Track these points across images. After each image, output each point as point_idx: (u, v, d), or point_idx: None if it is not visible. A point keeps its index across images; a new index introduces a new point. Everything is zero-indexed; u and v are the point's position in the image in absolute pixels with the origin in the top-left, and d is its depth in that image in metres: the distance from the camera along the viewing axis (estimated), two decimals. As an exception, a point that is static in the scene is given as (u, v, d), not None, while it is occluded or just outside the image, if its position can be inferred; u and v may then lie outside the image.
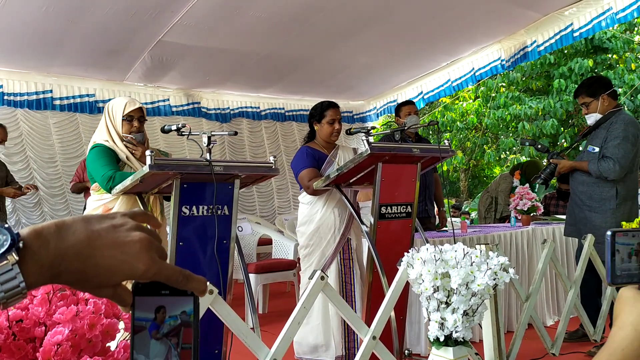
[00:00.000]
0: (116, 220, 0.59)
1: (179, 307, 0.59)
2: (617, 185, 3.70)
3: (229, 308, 1.85)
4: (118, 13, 4.86)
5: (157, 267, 0.58)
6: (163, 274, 0.58)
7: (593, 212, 3.77)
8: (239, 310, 1.93)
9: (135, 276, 0.57)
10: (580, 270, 3.31)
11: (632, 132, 3.64)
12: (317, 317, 3.39)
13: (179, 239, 2.49)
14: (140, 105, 3.04)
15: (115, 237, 0.57)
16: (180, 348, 0.59)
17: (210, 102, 7.95)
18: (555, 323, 4.55)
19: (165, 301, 0.59)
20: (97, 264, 0.56)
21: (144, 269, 0.57)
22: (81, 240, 0.56)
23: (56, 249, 0.55)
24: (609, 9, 5.72)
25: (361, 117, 9.13)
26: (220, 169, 2.51)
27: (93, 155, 2.86)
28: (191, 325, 0.59)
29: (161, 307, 0.59)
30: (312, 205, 3.51)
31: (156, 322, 0.59)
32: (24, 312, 1.22)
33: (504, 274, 2.27)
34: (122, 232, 0.58)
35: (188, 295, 0.59)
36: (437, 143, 3.21)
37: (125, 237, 0.58)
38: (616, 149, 3.61)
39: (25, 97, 6.48)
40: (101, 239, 0.57)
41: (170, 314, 0.59)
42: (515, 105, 11.50)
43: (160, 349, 0.58)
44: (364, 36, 6.09)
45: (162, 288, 0.59)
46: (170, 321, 0.59)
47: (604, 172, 3.64)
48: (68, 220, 0.58)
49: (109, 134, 2.96)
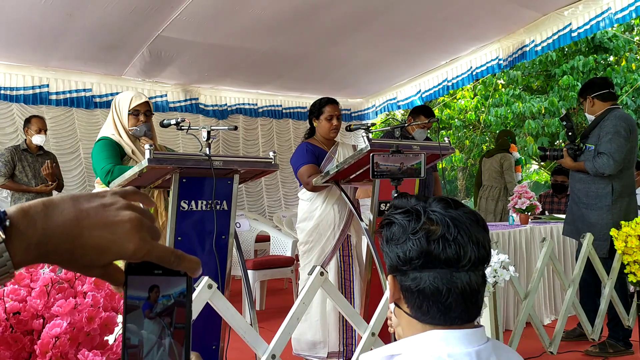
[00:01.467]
0: (106, 199, 0.58)
1: (172, 287, 0.59)
2: (612, 181, 3.72)
3: (228, 303, 1.84)
4: (117, 7, 4.83)
5: (147, 248, 0.56)
6: (154, 254, 0.57)
7: (589, 209, 3.79)
8: (236, 306, 1.92)
9: (125, 256, 0.56)
10: (579, 269, 3.31)
11: (624, 126, 3.67)
12: (316, 314, 3.38)
13: (177, 233, 2.48)
14: (146, 99, 3.06)
15: (104, 216, 0.56)
16: (174, 328, 0.58)
17: (208, 98, 7.93)
18: (552, 322, 4.55)
19: (158, 281, 0.58)
20: (86, 244, 0.55)
21: (133, 249, 0.56)
22: (69, 219, 0.55)
23: (44, 228, 0.54)
24: (607, 9, 5.72)
25: (359, 115, 9.12)
26: (220, 164, 2.50)
27: (97, 148, 2.90)
28: (184, 306, 0.59)
29: (155, 287, 0.58)
30: (311, 202, 3.50)
31: (150, 302, 0.58)
32: (21, 304, 1.21)
33: (504, 272, 2.26)
34: (112, 211, 0.56)
35: (181, 275, 0.59)
36: (437, 140, 3.20)
37: (114, 217, 0.56)
38: (609, 143, 3.64)
39: (22, 91, 6.43)
40: (90, 219, 0.55)
41: (163, 293, 0.58)
42: (518, 104, 11.48)
43: (153, 328, 0.58)
44: (363, 34, 6.08)
45: (155, 268, 0.58)
46: (163, 300, 0.58)
47: (599, 168, 3.66)
48: (56, 199, 0.56)
49: (115, 128, 2.99)
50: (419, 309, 1.03)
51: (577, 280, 3.30)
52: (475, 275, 1.01)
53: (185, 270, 0.59)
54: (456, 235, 1.00)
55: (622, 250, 3.37)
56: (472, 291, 1.01)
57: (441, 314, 1.01)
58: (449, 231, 1.00)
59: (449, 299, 1.00)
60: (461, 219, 1.02)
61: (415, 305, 1.03)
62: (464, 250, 1.00)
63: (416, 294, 1.02)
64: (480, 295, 1.03)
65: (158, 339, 0.58)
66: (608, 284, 3.45)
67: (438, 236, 1.00)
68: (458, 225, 1.01)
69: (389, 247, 1.06)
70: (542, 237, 3.57)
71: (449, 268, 1.00)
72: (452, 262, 1.00)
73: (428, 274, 1.00)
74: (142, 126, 2.98)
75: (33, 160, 5.12)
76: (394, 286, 1.07)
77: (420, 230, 1.01)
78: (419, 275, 1.01)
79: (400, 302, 1.07)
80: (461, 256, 1.00)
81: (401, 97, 8.42)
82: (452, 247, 1.00)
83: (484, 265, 1.04)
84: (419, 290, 1.01)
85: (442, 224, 1.01)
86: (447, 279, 1.00)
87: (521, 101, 11.60)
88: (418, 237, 1.01)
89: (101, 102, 6.98)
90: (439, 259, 1.00)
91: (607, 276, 3.48)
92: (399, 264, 1.04)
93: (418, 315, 1.03)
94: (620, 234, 3.36)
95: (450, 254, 1.00)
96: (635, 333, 3.67)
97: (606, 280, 3.47)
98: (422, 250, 1.00)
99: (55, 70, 6.59)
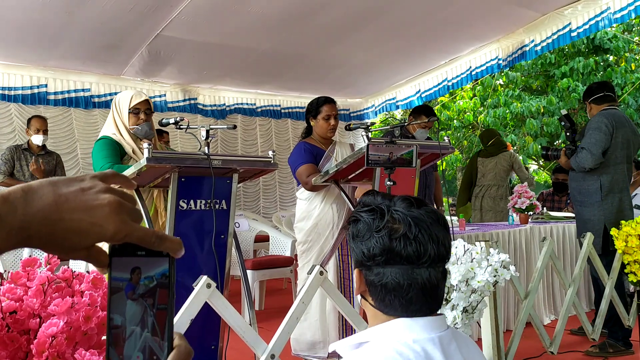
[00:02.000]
0: (85, 183, 0.58)
1: (154, 268, 0.59)
2: (600, 177, 3.81)
3: (227, 302, 1.83)
4: (116, 6, 4.82)
5: (127, 229, 0.57)
6: (135, 236, 0.58)
7: (583, 206, 3.91)
8: (235, 306, 1.91)
9: (106, 238, 0.57)
10: (579, 269, 3.30)
11: (605, 122, 3.77)
12: (315, 314, 3.37)
13: (176, 233, 2.46)
14: (146, 97, 3.05)
15: (83, 200, 0.57)
16: (156, 309, 0.59)
17: (206, 98, 7.91)
18: (552, 322, 4.54)
19: (141, 262, 0.59)
20: (66, 228, 0.55)
21: (113, 231, 0.56)
22: (49, 204, 0.55)
23: (24, 214, 0.54)
24: (607, 9, 5.72)
25: (358, 114, 9.10)
26: (219, 163, 2.49)
27: (96, 147, 2.90)
28: (167, 287, 0.59)
29: (137, 268, 0.59)
30: (310, 201, 3.48)
31: (132, 283, 0.59)
32: (18, 304, 1.19)
33: (505, 271, 2.25)
34: (91, 194, 0.57)
35: (163, 256, 0.60)
36: (437, 139, 3.19)
37: (94, 200, 0.57)
38: (588, 138, 3.78)
39: (20, 91, 6.42)
40: (69, 203, 0.56)
41: (145, 274, 0.59)
42: (516, 104, 11.48)
43: (136, 309, 0.59)
44: (363, 34, 6.07)
45: (138, 249, 0.59)
46: (145, 281, 0.59)
47: (580, 163, 3.79)
48: (35, 184, 0.57)
49: (116, 127, 2.98)
50: (382, 302, 1.10)
51: (578, 279, 3.29)
52: (435, 271, 1.09)
53: (167, 251, 0.60)
54: (417, 233, 1.07)
55: (622, 249, 3.36)
56: (432, 286, 1.08)
57: (403, 307, 1.08)
58: (410, 230, 1.07)
59: (410, 293, 1.07)
60: (422, 218, 1.09)
61: (379, 298, 1.10)
62: (424, 248, 1.07)
63: (379, 288, 1.09)
64: (440, 290, 1.11)
65: (141, 319, 0.59)
66: (608, 283, 3.44)
67: (400, 234, 1.08)
68: (419, 224, 1.08)
69: (355, 243, 1.13)
70: (542, 237, 3.56)
71: (410, 264, 1.07)
72: (413, 259, 1.07)
73: (390, 270, 1.08)
74: (144, 125, 2.96)
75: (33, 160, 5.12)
76: (359, 280, 1.14)
77: (384, 228, 1.08)
78: (382, 270, 1.09)
79: (366, 295, 1.14)
80: (421, 253, 1.07)
81: (400, 97, 8.41)
82: (412, 245, 1.07)
83: (444, 262, 1.12)
84: (382, 285, 1.09)
85: (404, 222, 1.08)
86: (408, 275, 1.07)
87: (520, 101, 11.59)
88: (381, 235, 1.08)
89: (100, 102, 6.96)
90: (401, 255, 1.07)
91: (606, 275, 3.47)
92: (364, 260, 1.11)
93: (382, 307, 1.11)
94: (621, 234, 3.35)
95: (411, 251, 1.07)
96: (636, 333, 3.66)
97: (606, 279, 3.46)
98: (385, 248, 1.08)
99: (53, 70, 6.57)
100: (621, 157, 3.85)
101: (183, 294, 2.40)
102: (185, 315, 1.72)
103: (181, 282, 2.52)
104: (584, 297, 4.95)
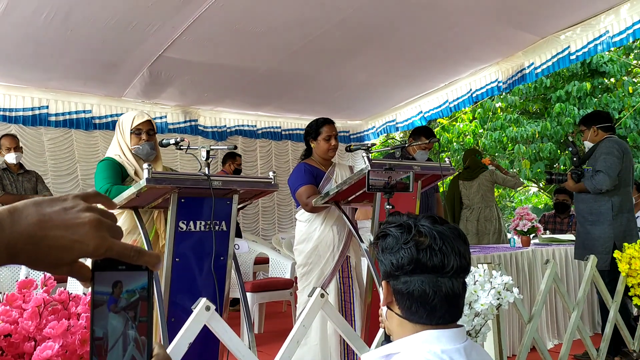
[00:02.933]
0: (67, 202, 0.63)
1: (135, 281, 0.63)
2: (612, 198, 4.03)
3: (226, 325, 1.79)
4: (118, 24, 4.82)
5: (107, 245, 0.61)
6: (114, 251, 0.61)
7: (594, 225, 4.09)
8: (234, 329, 1.87)
9: (87, 254, 0.61)
10: (583, 292, 3.26)
11: (617, 147, 4.03)
12: (315, 338, 3.31)
13: (175, 254, 2.44)
14: (148, 118, 3.05)
15: (65, 218, 0.61)
16: (138, 321, 0.62)
17: (207, 119, 7.93)
18: (555, 346, 4.48)
19: (122, 276, 0.62)
20: (50, 245, 0.59)
21: (93, 246, 0.60)
22: (33, 223, 0.60)
23: (10, 233, 0.59)
24: (605, 32, 5.76)
25: (359, 136, 9.11)
26: (219, 184, 2.47)
27: (98, 169, 2.91)
28: (146, 299, 0.63)
29: (118, 282, 0.62)
30: (310, 223, 3.45)
31: (114, 297, 0.62)
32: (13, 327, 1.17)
33: (508, 294, 2.22)
34: (73, 213, 0.61)
35: (143, 270, 0.63)
36: (438, 160, 3.18)
37: (75, 219, 0.61)
38: (603, 162, 3.99)
39: (21, 112, 6.43)
40: (52, 221, 0.60)
41: (126, 288, 0.62)
42: (512, 127, 11.53)
43: (118, 322, 0.62)
44: (363, 56, 6.11)
45: (119, 263, 0.62)
46: (126, 295, 0.62)
47: (597, 185, 3.98)
48: (20, 205, 0.61)
49: (120, 148, 2.99)
50: (408, 310, 1.19)
51: (582, 303, 3.25)
52: (457, 281, 1.19)
53: (145, 265, 0.63)
54: (441, 245, 1.17)
55: (626, 272, 3.33)
56: (454, 295, 1.18)
57: (427, 314, 1.17)
58: (435, 242, 1.17)
59: (434, 300, 1.16)
60: (446, 232, 1.19)
61: (406, 306, 1.19)
62: (447, 259, 1.17)
63: (406, 296, 1.18)
64: (461, 299, 1.20)
65: (123, 331, 0.62)
66: (612, 307, 3.40)
67: (426, 246, 1.17)
68: (443, 237, 1.18)
69: (384, 256, 1.23)
70: (544, 260, 3.53)
71: (435, 274, 1.17)
72: (438, 268, 1.17)
73: (417, 278, 1.17)
74: (145, 145, 2.96)
75: (14, 180, 5.13)
76: (387, 291, 1.23)
77: (411, 241, 1.18)
78: (409, 279, 1.18)
79: (392, 305, 1.23)
80: (445, 264, 1.17)
81: (400, 118, 8.43)
82: (437, 256, 1.17)
83: (465, 273, 1.21)
84: (409, 293, 1.18)
85: (429, 236, 1.18)
86: (433, 283, 1.16)
87: (516, 125, 11.64)
88: (409, 247, 1.18)
89: (101, 123, 6.97)
90: (427, 265, 1.17)
91: (610, 298, 3.44)
92: (392, 270, 1.20)
93: (407, 316, 1.19)
94: (624, 256, 3.32)
95: (437, 262, 1.16)
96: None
97: (610, 303, 3.42)
98: (412, 258, 1.17)
99: (55, 92, 6.59)
100: (628, 180, 4.10)
101: (182, 316, 2.36)
102: (184, 338, 1.69)
103: (180, 304, 2.48)
104: (587, 320, 4.90)
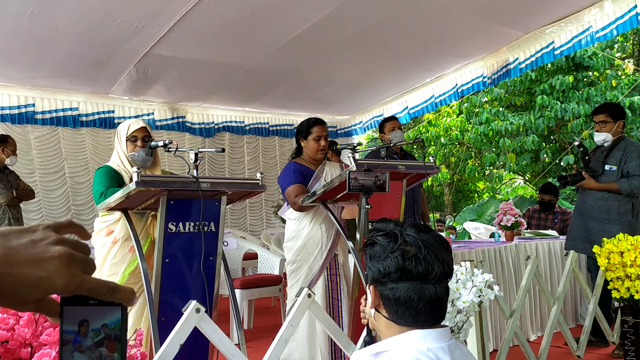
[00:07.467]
0: (37, 234, 0.57)
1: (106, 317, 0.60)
2: (633, 200, 4.12)
3: (216, 326, 1.84)
4: (105, 20, 4.80)
5: (77, 282, 0.56)
6: (85, 288, 0.57)
7: (613, 224, 4.13)
8: (224, 326, 1.92)
9: (56, 291, 0.56)
10: (563, 287, 3.35)
11: None
12: (303, 334, 3.37)
13: (165, 255, 2.48)
14: (143, 124, 3.07)
15: (33, 253, 0.56)
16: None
17: (195, 116, 7.93)
18: (538, 338, 4.57)
19: (92, 312, 0.59)
20: (15, 282, 0.54)
21: (63, 284, 0.56)
22: None
23: None
24: (588, 27, 5.84)
25: (346, 131, 9.17)
26: (207, 186, 2.51)
27: (95, 175, 2.98)
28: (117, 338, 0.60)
29: (84, 321, 0.59)
30: (299, 221, 3.51)
31: (79, 335, 0.59)
32: (9, 333, 1.20)
33: (489, 291, 2.29)
34: (42, 247, 0.56)
35: (116, 305, 0.60)
36: (423, 159, 3.24)
37: (44, 253, 0.56)
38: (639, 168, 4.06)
39: (7, 110, 6.41)
40: (19, 256, 0.55)
41: (93, 326, 0.59)
42: (497, 121, 11.64)
43: None
44: (350, 51, 6.15)
45: (90, 298, 0.59)
46: (92, 334, 0.59)
47: (634, 189, 4.03)
48: None
49: (118, 157, 3.05)
50: (395, 314, 1.26)
51: (562, 297, 3.34)
52: (440, 287, 1.26)
53: (119, 301, 0.59)
54: (426, 254, 1.24)
55: (604, 266, 3.42)
56: (438, 300, 1.25)
57: (413, 317, 1.24)
58: (420, 251, 1.24)
59: (419, 305, 1.23)
60: (430, 241, 1.26)
61: (392, 310, 1.26)
62: (431, 267, 1.24)
63: (393, 301, 1.25)
64: (444, 303, 1.28)
65: None
66: (592, 300, 3.49)
67: (411, 255, 1.24)
68: (427, 246, 1.24)
69: (372, 263, 1.30)
70: (527, 255, 3.61)
71: (420, 281, 1.24)
72: (422, 276, 1.24)
73: (403, 285, 1.24)
74: (140, 151, 2.99)
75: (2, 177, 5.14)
76: (374, 295, 1.30)
77: (397, 249, 1.25)
78: (396, 286, 1.25)
79: (380, 308, 1.30)
80: (429, 271, 1.24)
81: (387, 113, 8.48)
82: (422, 264, 1.24)
83: (447, 279, 1.28)
84: (395, 298, 1.25)
85: (415, 245, 1.24)
86: (418, 290, 1.24)
87: (501, 119, 11.76)
88: (395, 256, 1.25)
89: (87, 120, 6.96)
90: (412, 273, 1.24)
91: (590, 292, 3.52)
92: (380, 277, 1.27)
93: (394, 319, 1.27)
94: (603, 251, 3.41)
95: (421, 270, 1.24)
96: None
97: (590, 297, 3.51)
98: (399, 266, 1.24)
99: (41, 90, 6.57)
100: None
101: (172, 316, 2.41)
102: (174, 340, 1.74)
103: (170, 303, 2.53)
104: (570, 312, 5.00)
